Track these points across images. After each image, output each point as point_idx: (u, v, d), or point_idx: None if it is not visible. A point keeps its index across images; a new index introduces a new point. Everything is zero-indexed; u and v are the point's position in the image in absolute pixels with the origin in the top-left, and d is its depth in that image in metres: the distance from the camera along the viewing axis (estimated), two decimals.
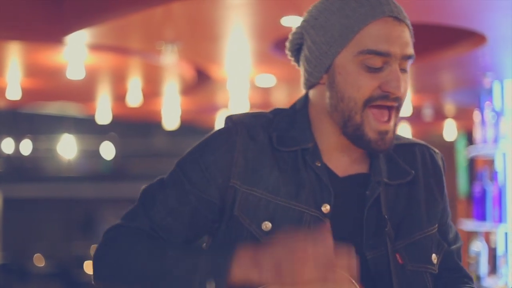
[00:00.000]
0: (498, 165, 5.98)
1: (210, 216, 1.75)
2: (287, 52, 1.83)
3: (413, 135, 9.61)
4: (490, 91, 5.98)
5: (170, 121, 7.42)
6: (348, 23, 1.67)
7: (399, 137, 1.87)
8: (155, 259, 1.68)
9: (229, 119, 1.78)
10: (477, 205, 5.99)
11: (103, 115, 7.48)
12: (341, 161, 1.77)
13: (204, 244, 1.85)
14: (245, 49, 4.84)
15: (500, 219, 5.73)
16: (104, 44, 4.82)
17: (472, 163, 6.76)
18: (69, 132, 11.21)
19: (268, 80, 5.87)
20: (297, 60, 1.81)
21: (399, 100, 1.69)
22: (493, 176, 5.95)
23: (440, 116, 8.27)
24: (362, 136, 1.68)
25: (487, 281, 5.70)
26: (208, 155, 1.74)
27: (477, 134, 6.15)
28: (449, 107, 7.72)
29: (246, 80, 5.64)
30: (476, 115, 6.25)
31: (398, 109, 1.71)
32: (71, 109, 8.61)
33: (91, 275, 1.84)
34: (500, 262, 5.72)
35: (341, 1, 1.70)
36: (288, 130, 1.77)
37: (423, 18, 3.98)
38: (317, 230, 1.69)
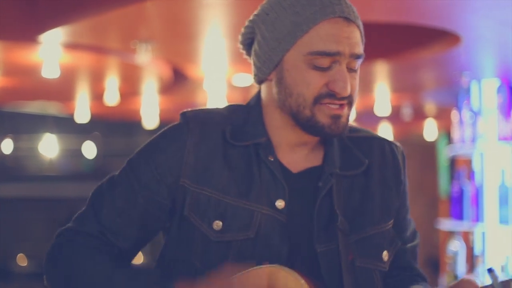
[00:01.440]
0: (476, 165, 5.99)
1: (161, 216, 1.75)
2: (239, 45, 1.82)
3: (394, 135, 9.64)
4: (468, 91, 5.99)
5: (150, 120, 7.41)
6: (298, 21, 1.67)
7: (360, 130, 1.89)
8: (100, 282, 1.67)
9: (183, 116, 1.77)
10: (455, 205, 6.00)
11: (82, 114, 7.45)
12: (294, 156, 1.77)
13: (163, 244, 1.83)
14: (222, 48, 4.83)
15: (477, 218, 5.74)
16: (79, 43, 4.79)
17: (453, 163, 6.77)
18: (51, 132, 11.15)
19: (245, 79, 5.86)
20: (249, 54, 1.80)
21: (347, 98, 1.69)
22: (471, 175, 5.96)
23: (420, 115, 8.28)
24: (315, 124, 1.69)
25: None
26: (158, 154, 1.73)
27: (455, 133, 6.17)
28: (429, 106, 7.74)
29: (223, 79, 5.63)
30: (454, 115, 6.26)
31: (350, 104, 1.71)
32: (52, 108, 8.57)
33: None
34: (477, 261, 5.73)
35: None
36: (242, 125, 1.76)
37: (397, 17, 3.99)
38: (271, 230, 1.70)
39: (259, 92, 1.81)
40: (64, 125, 11.38)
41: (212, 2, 3.76)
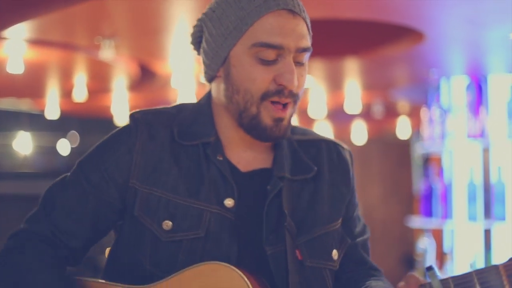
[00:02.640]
0: (445, 162, 6.00)
1: (112, 216, 1.76)
2: (191, 45, 1.83)
3: (368, 133, 9.66)
4: (437, 88, 6.01)
5: (121, 117, 7.39)
6: (243, 15, 1.68)
7: (307, 132, 1.91)
8: None
9: (132, 117, 1.78)
10: (425, 202, 6.02)
11: (52, 110, 7.41)
12: (243, 156, 1.78)
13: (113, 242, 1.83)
14: (189, 45, 4.79)
15: (447, 215, 5.76)
16: (46, 39, 4.75)
17: (427, 161, 6.79)
18: (25, 129, 11.07)
19: None
20: (200, 53, 1.81)
21: (294, 96, 1.69)
22: (440, 173, 5.98)
23: (393, 113, 8.30)
24: (257, 124, 1.69)
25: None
26: (107, 156, 1.74)
27: (425, 131, 6.18)
28: (402, 104, 7.75)
29: (191, 76, 5.60)
30: (424, 113, 6.28)
31: (295, 102, 1.72)
32: (26, 105, 8.52)
33: None
34: (445, 258, 5.75)
35: None
36: (191, 124, 1.77)
37: (363, 14, 3.98)
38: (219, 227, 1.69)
39: (210, 91, 1.81)
40: (38, 122, 11.31)
41: None
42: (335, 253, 1.78)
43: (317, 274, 1.75)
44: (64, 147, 11.92)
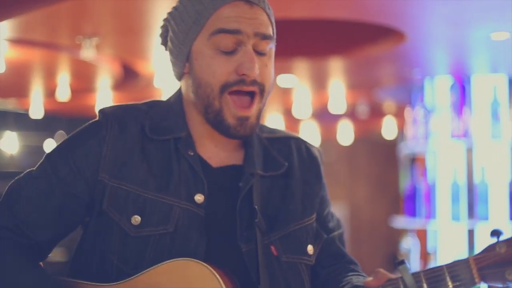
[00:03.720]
0: (429, 162, 6.01)
1: (79, 211, 1.74)
2: (161, 45, 1.84)
3: (354, 133, 9.66)
4: (421, 88, 6.02)
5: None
6: (200, 9, 1.69)
7: (275, 131, 1.92)
8: (6, 283, 1.64)
9: (101, 112, 1.77)
10: (409, 202, 6.03)
11: (36, 110, 7.39)
12: (214, 151, 1.78)
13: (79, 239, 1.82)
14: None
15: (430, 215, 5.77)
16: (28, 38, 4.73)
17: (413, 161, 6.80)
18: (11, 129, 11.03)
19: None
20: None
21: (258, 84, 1.69)
22: (424, 173, 5.99)
23: (378, 113, 8.30)
24: (221, 121, 1.69)
25: None
26: (77, 149, 1.72)
27: (409, 131, 6.19)
28: (388, 104, 7.76)
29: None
30: (408, 112, 6.28)
31: (262, 94, 1.71)
32: (12, 104, 8.49)
33: None
34: (429, 258, 5.76)
35: None
36: (162, 120, 1.77)
37: (345, 14, 3.98)
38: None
39: (180, 88, 1.82)
40: (25, 122, 11.27)
41: None
42: (310, 248, 1.79)
43: (293, 269, 1.75)
44: (50, 146, 11.87)
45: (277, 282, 1.71)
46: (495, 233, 1.57)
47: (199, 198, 1.70)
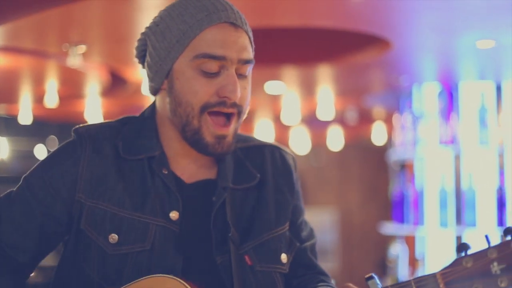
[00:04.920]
0: (417, 169, 6.03)
1: (59, 230, 1.76)
2: (135, 58, 1.84)
3: (344, 139, 9.67)
4: (410, 95, 6.04)
5: (94, 122, 7.36)
6: (185, 28, 1.69)
7: (249, 139, 1.93)
8: None
9: (75, 132, 1.78)
10: (397, 208, 6.04)
11: (25, 116, 7.40)
12: (188, 167, 1.79)
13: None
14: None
15: (418, 221, 5.78)
16: (15, 46, 4.73)
17: (403, 167, 6.82)
18: (1, 134, 11.01)
19: None
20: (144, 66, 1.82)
21: (237, 107, 1.71)
22: (412, 179, 6.01)
23: (367, 119, 8.32)
24: (200, 140, 1.70)
25: None
26: (53, 171, 1.74)
27: (398, 137, 6.21)
28: (377, 110, 7.78)
29: None
30: (396, 119, 6.30)
31: (239, 115, 1.73)
32: (2, 110, 8.49)
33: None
34: (417, 265, 5.77)
35: (181, 8, 1.72)
36: (135, 138, 1.77)
37: (328, 23, 3.99)
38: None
39: (154, 103, 1.82)
40: (16, 127, 11.25)
41: (148, 6, 3.73)
42: (284, 257, 1.81)
43: (268, 278, 1.77)
44: (41, 151, 11.87)
45: None
46: (462, 247, 1.60)
47: (173, 215, 1.72)
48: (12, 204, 1.75)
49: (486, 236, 1.62)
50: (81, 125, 1.81)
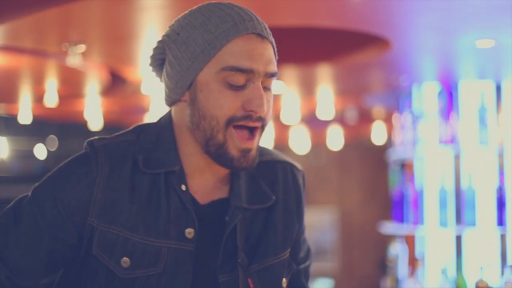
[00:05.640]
0: (416, 168, 6.03)
1: (68, 253, 1.71)
2: (149, 66, 1.77)
3: (344, 138, 9.67)
4: (409, 94, 6.03)
5: (94, 122, 7.37)
6: (210, 39, 1.63)
7: (263, 152, 1.86)
8: None
9: (91, 147, 1.70)
10: (396, 208, 6.04)
11: (25, 115, 7.39)
12: (202, 185, 1.74)
13: None
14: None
15: (418, 221, 5.78)
16: (15, 45, 4.73)
17: (403, 166, 6.82)
18: (1, 134, 11.01)
19: None
20: (160, 75, 1.75)
21: (262, 120, 1.66)
22: (412, 179, 6.00)
23: (367, 119, 8.32)
24: (224, 154, 1.65)
25: (406, 283, 5.74)
26: (65, 191, 1.67)
27: (397, 137, 6.20)
28: (377, 110, 7.78)
29: (161, 82, 5.58)
30: (396, 118, 6.30)
31: (262, 128, 1.69)
32: (2, 109, 8.49)
33: None
34: (417, 264, 5.76)
35: (204, 17, 1.66)
36: (153, 150, 1.72)
37: (328, 22, 3.99)
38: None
39: (169, 113, 1.76)
40: (16, 127, 11.26)
41: (148, 6, 3.72)
42: (284, 281, 1.79)
43: None
44: (41, 151, 11.87)
45: None
46: None
47: (189, 231, 1.69)
48: (19, 223, 1.68)
49: None
50: (96, 138, 1.73)
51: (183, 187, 1.70)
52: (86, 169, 1.68)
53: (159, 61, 1.73)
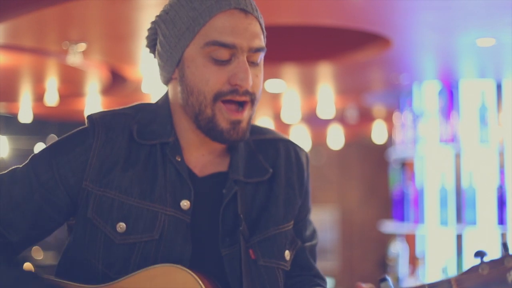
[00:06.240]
0: (417, 167, 6.02)
1: (55, 217, 1.74)
2: (146, 47, 1.82)
3: (345, 137, 9.67)
4: (410, 93, 6.03)
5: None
6: (195, 15, 1.67)
7: (265, 132, 1.90)
8: None
9: (89, 119, 1.76)
10: (397, 207, 6.04)
11: (25, 114, 7.39)
12: (200, 159, 1.77)
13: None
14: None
15: (418, 220, 5.78)
16: (15, 44, 4.73)
17: (403, 165, 6.82)
18: (1, 133, 11.01)
19: None
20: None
21: (250, 94, 1.68)
22: (412, 177, 6.00)
23: (368, 118, 8.32)
24: (214, 127, 1.68)
25: (407, 282, 5.75)
26: (62, 156, 1.72)
27: (398, 136, 6.20)
28: (377, 109, 7.78)
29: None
30: (397, 117, 6.30)
31: (252, 102, 1.71)
32: (2, 108, 8.49)
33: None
34: (417, 263, 5.77)
35: None
36: (150, 123, 1.75)
37: (329, 21, 3.99)
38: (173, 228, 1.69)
39: (167, 92, 1.80)
40: (16, 126, 11.27)
41: (148, 4, 3.72)
42: (287, 254, 1.79)
43: (270, 274, 1.75)
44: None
45: (254, 286, 1.71)
46: (479, 254, 1.56)
47: (185, 204, 1.70)
48: (14, 181, 1.71)
49: (504, 244, 1.59)
50: (95, 112, 1.78)
51: (178, 158, 1.72)
52: (83, 136, 1.72)
53: (153, 41, 1.77)
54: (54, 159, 1.72)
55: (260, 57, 1.71)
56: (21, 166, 1.75)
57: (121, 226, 1.68)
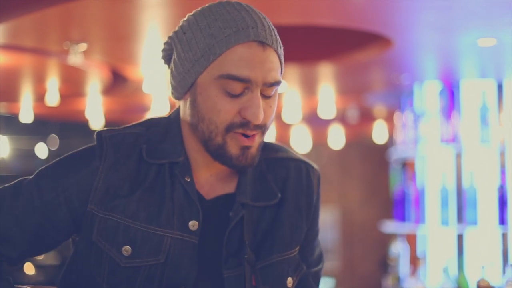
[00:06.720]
0: (418, 167, 6.02)
1: (56, 237, 1.73)
2: (161, 59, 1.78)
3: (345, 137, 9.66)
4: (411, 93, 6.03)
5: (95, 121, 7.37)
6: (211, 43, 1.62)
7: (278, 150, 1.86)
8: None
9: (98, 137, 1.72)
10: (398, 207, 6.04)
11: (26, 114, 7.39)
12: (208, 180, 1.74)
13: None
14: (160, 51, 4.78)
15: (419, 220, 5.77)
16: (16, 44, 4.73)
17: (404, 165, 6.82)
18: (2, 133, 11.01)
19: None
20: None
21: (261, 128, 1.65)
22: (413, 177, 6.00)
23: (368, 118, 8.31)
24: (224, 153, 1.65)
25: (408, 282, 5.74)
26: (68, 177, 1.70)
27: (399, 136, 6.20)
28: (378, 109, 7.77)
29: (163, 81, 5.59)
30: (398, 117, 6.30)
31: (263, 133, 1.68)
32: (3, 108, 8.49)
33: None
34: (418, 263, 5.76)
35: (210, 19, 1.65)
36: (160, 142, 1.72)
37: (329, 21, 3.98)
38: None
39: (179, 108, 1.77)
40: (17, 126, 11.27)
41: (149, 4, 3.72)
42: (289, 281, 1.77)
43: None
44: (42, 150, 11.87)
45: None
46: None
47: (193, 225, 1.69)
48: (17, 195, 1.71)
49: None
50: (105, 129, 1.75)
51: (187, 179, 1.70)
52: (91, 158, 1.70)
53: (168, 56, 1.74)
54: (60, 179, 1.70)
55: (275, 90, 1.66)
56: (27, 179, 1.73)
57: (127, 249, 1.67)
